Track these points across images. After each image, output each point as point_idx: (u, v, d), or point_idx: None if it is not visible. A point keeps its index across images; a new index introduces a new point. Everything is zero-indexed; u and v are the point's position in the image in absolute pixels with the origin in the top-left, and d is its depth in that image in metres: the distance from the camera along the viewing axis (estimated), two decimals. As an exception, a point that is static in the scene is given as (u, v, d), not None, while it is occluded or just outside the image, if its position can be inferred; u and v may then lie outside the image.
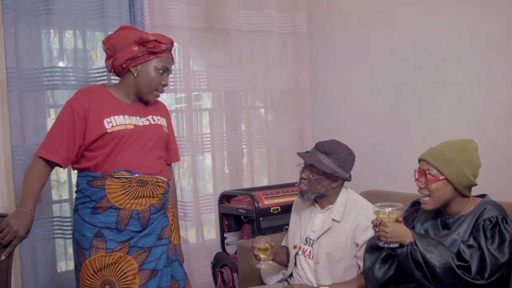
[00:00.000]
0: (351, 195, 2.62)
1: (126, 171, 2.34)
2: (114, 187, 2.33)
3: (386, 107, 3.50)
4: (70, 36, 3.15)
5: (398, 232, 2.07)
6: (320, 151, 2.52)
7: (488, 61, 2.89)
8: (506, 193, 2.63)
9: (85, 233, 2.32)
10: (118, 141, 2.34)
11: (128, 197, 2.34)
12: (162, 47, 2.38)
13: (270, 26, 3.87)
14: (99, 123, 2.33)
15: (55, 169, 3.09)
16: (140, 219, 2.35)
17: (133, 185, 2.34)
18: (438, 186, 2.12)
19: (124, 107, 2.43)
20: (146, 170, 2.39)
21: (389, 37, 3.44)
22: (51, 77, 3.04)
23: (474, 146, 2.17)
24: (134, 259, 2.33)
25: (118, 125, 2.35)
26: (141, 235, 2.36)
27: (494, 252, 1.99)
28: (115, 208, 2.32)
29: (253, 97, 4.07)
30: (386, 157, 3.49)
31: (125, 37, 2.39)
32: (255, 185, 3.93)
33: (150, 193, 2.38)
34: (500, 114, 2.85)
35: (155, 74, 2.41)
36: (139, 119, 2.43)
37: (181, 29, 3.46)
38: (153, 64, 2.40)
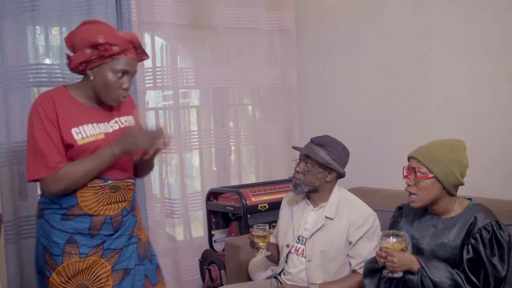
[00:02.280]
0: (344, 193, 2.63)
1: (99, 179, 2.25)
2: (87, 195, 2.23)
3: (374, 105, 3.51)
4: (56, 33, 3.13)
5: (405, 261, 2.07)
6: (315, 144, 2.53)
7: (475, 60, 2.90)
8: (492, 191, 2.65)
9: (55, 239, 2.22)
10: (90, 152, 2.21)
11: (101, 203, 2.25)
12: (115, 50, 2.16)
13: (257, 23, 3.87)
14: (67, 133, 2.19)
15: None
16: (113, 223, 2.28)
17: (106, 192, 2.27)
18: (427, 184, 2.14)
19: (91, 113, 2.27)
20: (118, 176, 2.31)
21: (377, 34, 3.45)
22: (37, 74, 3.02)
23: (463, 146, 2.19)
24: (107, 261, 2.26)
25: (89, 136, 2.22)
26: (114, 238, 2.29)
27: (496, 263, 2.01)
28: (88, 215, 2.23)
29: (240, 94, 4.06)
30: (374, 155, 3.50)
31: (81, 37, 2.20)
32: (243, 182, 3.93)
33: (122, 198, 2.32)
34: (487, 113, 2.86)
35: (112, 78, 2.20)
36: (107, 124, 2.30)
37: (168, 26, 3.45)
38: (110, 66, 2.19)
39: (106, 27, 2.25)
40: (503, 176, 2.79)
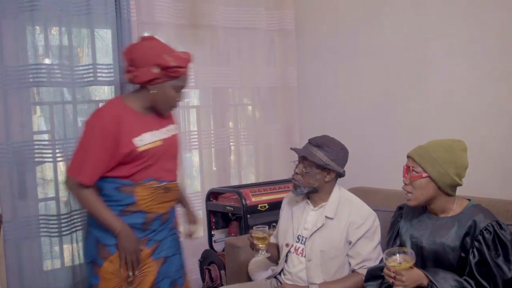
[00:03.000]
0: (344, 193, 2.63)
1: (156, 180, 2.48)
2: (143, 194, 2.45)
3: (373, 105, 3.51)
4: (55, 33, 3.13)
5: (414, 278, 2.04)
6: (313, 145, 2.53)
7: (474, 60, 2.90)
8: (491, 191, 2.64)
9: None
10: (150, 157, 2.44)
11: (156, 202, 2.48)
12: (181, 72, 2.42)
13: (257, 23, 3.87)
14: (129, 143, 2.39)
15: (40, 167, 3.10)
16: (161, 220, 2.52)
17: (160, 192, 2.49)
18: (421, 183, 2.14)
19: (147, 122, 2.49)
20: (170, 177, 2.56)
21: (376, 34, 3.44)
22: (37, 74, 3.02)
23: (461, 146, 2.18)
24: (150, 249, 2.49)
25: (149, 143, 2.44)
26: (158, 231, 2.53)
27: (502, 265, 2.01)
28: (143, 212, 2.46)
29: (240, 94, 4.06)
30: (373, 155, 3.50)
31: (144, 54, 2.39)
32: (243, 182, 3.93)
33: (172, 198, 2.57)
34: (486, 113, 2.86)
35: (172, 94, 2.45)
36: (162, 131, 2.53)
37: (168, 26, 3.45)
38: (172, 84, 2.42)
39: (165, 46, 2.47)
40: (503, 176, 2.79)
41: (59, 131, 3.14)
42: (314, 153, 2.49)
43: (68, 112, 3.16)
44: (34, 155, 3.05)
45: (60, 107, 3.15)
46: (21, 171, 3.01)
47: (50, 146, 3.09)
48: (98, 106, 3.27)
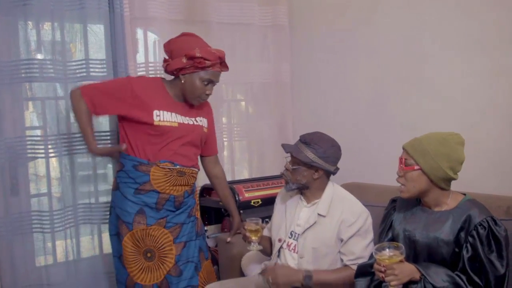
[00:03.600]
0: (337, 190, 2.61)
1: (170, 162, 2.72)
2: (158, 175, 2.71)
3: (367, 100, 3.51)
4: (48, 28, 3.11)
5: (406, 272, 2.03)
6: (302, 142, 2.52)
7: (469, 56, 2.91)
8: (485, 186, 2.66)
9: (128, 209, 2.71)
10: (163, 134, 2.71)
11: (168, 184, 2.73)
12: (207, 64, 2.65)
13: (251, 18, 3.85)
14: (149, 112, 2.69)
15: (33, 163, 3.09)
16: (175, 202, 2.77)
17: (173, 175, 2.74)
18: (413, 175, 2.14)
19: (174, 105, 2.77)
20: (185, 163, 2.78)
21: (371, 30, 3.45)
22: (29, 70, 3.00)
23: (457, 139, 2.17)
24: (170, 232, 2.75)
25: (165, 120, 2.71)
26: (175, 214, 2.78)
27: (494, 261, 2.01)
28: (156, 192, 2.71)
29: (234, 90, 4.05)
30: (367, 150, 3.50)
31: (180, 46, 2.71)
32: (236, 178, 3.93)
33: (186, 182, 2.80)
34: (481, 108, 2.87)
35: (199, 84, 2.71)
36: (185, 118, 2.78)
37: (161, 21, 3.43)
38: (199, 75, 2.69)
39: (201, 41, 2.77)
40: (497, 172, 2.81)
41: (51, 127, 3.12)
42: (301, 151, 2.49)
43: (60, 107, 3.15)
44: (27, 151, 3.03)
45: (52, 102, 3.13)
46: (13, 167, 3.00)
47: (43, 142, 3.08)
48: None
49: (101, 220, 3.25)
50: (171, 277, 2.75)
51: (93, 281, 3.28)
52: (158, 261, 2.73)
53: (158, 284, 2.73)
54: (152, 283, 2.72)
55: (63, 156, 3.13)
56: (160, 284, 2.73)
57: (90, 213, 3.25)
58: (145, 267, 2.72)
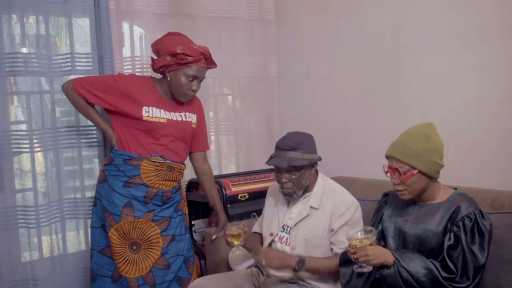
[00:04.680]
0: (327, 182, 2.64)
1: (161, 156, 2.79)
2: (148, 169, 2.77)
3: (353, 95, 3.52)
4: (32, 21, 3.08)
5: (379, 253, 2.09)
6: (287, 150, 2.50)
7: (454, 50, 2.92)
8: (469, 179, 2.67)
9: (116, 201, 2.76)
10: (152, 130, 2.77)
11: (158, 178, 2.79)
12: (189, 59, 2.70)
13: (237, 12, 3.84)
14: (139, 108, 2.76)
15: (17, 158, 3.06)
16: (163, 197, 2.82)
17: (163, 169, 2.80)
18: (414, 180, 2.16)
19: (163, 102, 2.84)
20: (174, 158, 2.84)
21: (357, 24, 3.45)
22: (13, 63, 2.97)
23: (434, 129, 2.22)
24: (157, 225, 2.79)
25: (154, 117, 2.78)
26: (162, 208, 2.82)
27: (476, 251, 2.04)
28: (145, 185, 2.77)
29: (220, 84, 4.04)
30: (353, 144, 3.51)
31: (165, 45, 2.77)
32: (223, 172, 3.92)
33: (174, 178, 2.87)
34: (465, 102, 2.89)
35: (184, 81, 2.75)
36: (173, 114, 2.84)
37: (147, 15, 3.41)
38: (184, 72, 2.74)
39: (185, 39, 2.82)
40: (480, 165, 2.82)
41: (36, 121, 3.10)
42: (296, 157, 2.48)
43: (46, 101, 3.12)
44: (11, 146, 3.01)
45: (37, 96, 3.10)
46: (-3, 162, 2.98)
47: (28, 137, 3.06)
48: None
49: (87, 215, 3.23)
50: (157, 269, 2.78)
51: (78, 277, 3.26)
52: (143, 253, 2.77)
53: (143, 276, 2.75)
54: (136, 276, 2.75)
55: (48, 150, 3.11)
56: (145, 277, 2.76)
57: (75, 208, 3.23)
58: (130, 259, 2.76)
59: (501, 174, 2.73)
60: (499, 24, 2.72)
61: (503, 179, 2.69)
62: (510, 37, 2.68)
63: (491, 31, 2.75)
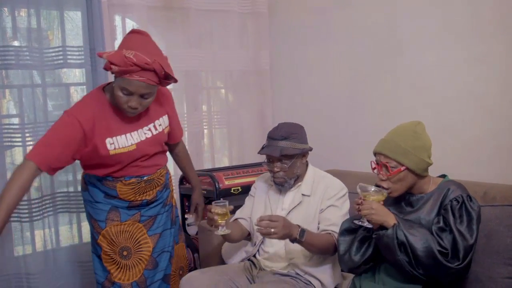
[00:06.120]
0: (317, 171, 2.69)
1: (136, 177, 2.56)
2: (125, 189, 2.55)
3: (346, 88, 3.52)
4: (24, 15, 3.06)
5: (383, 212, 2.11)
6: (279, 139, 2.53)
7: (446, 44, 2.92)
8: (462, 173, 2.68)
9: (100, 207, 2.57)
10: (122, 160, 2.47)
11: (138, 194, 2.59)
12: (114, 69, 2.21)
13: (230, 5, 3.83)
14: (102, 143, 2.39)
15: (9, 151, 3.05)
16: (148, 202, 2.64)
17: (141, 185, 2.58)
18: (400, 176, 2.17)
19: (124, 122, 2.44)
20: (152, 171, 2.61)
21: (349, 18, 3.45)
22: (5, 57, 2.96)
23: (423, 127, 2.24)
24: (144, 226, 2.63)
25: (121, 148, 2.43)
26: (149, 207, 2.65)
27: (464, 232, 2.05)
28: (127, 200, 2.57)
29: (213, 77, 4.03)
30: (346, 137, 3.52)
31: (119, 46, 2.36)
32: (216, 165, 3.93)
33: (156, 185, 2.64)
34: (457, 96, 2.90)
35: (118, 93, 2.29)
36: (142, 131, 2.50)
37: (139, 8, 3.40)
38: (117, 82, 2.29)
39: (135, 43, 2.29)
40: (473, 158, 2.84)
41: (29, 115, 3.09)
42: (288, 147, 2.51)
43: (38, 95, 3.11)
44: (3, 139, 3.00)
45: (29, 90, 3.09)
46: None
47: (20, 130, 3.05)
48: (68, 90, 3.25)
49: (79, 208, 3.23)
50: (148, 271, 2.65)
51: (72, 270, 3.27)
52: (134, 257, 2.61)
53: (136, 281, 2.62)
54: (131, 281, 2.61)
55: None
56: (139, 280, 2.63)
57: (68, 202, 3.23)
58: (122, 266, 2.60)
59: (493, 168, 2.75)
60: (491, 18, 2.72)
61: (495, 173, 2.71)
62: (502, 31, 2.69)
63: (484, 25, 2.75)
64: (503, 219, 2.28)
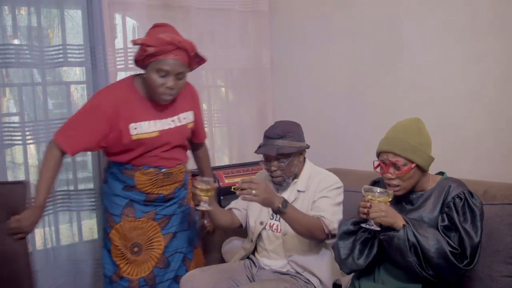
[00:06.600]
0: (314, 167, 2.69)
1: (155, 167, 2.61)
2: (143, 179, 2.61)
3: (346, 87, 3.52)
4: (24, 13, 3.06)
5: (392, 213, 2.10)
6: (275, 138, 2.53)
7: (446, 43, 2.93)
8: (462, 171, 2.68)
9: (117, 201, 2.65)
10: (143, 145, 2.54)
11: (155, 186, 2.64)
12: (150, 50, 2.34)
13: (230, 4, 3.83)
14: (126, 129, 2.48)
15: (10, 150, 3.05)
16: (165, 198, 2.69)
17: (160, 178, 2.63)
18: (410, 174, 2.17)
19: (150, 109, 2.54)
20: (172, 164, 2.66)
21: (350, 16, 3.45)
22: (5, 55, 2.96)
23: (423, 123, 2.25)
24: (158, 225, 2.68)
25: (143, 133, 2.52)
26: (165, 206, 2.70)
27: (469, 230, 2.05)
28: (143, 193, 2.63)
29: (214, 76, 4.03)
30: (346, 136, 3.52)
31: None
32: (216, 164, 3.92)
33: (174, 180, 2.70)
34: (457, 94, 2.90)
35: (154, 77, 2.40)
36: (166, 121, 2.59)
37: (139, 6, 3.39)
38: (153, 66, 2.39)
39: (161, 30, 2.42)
40: (473, 157, 2.84)
41: (29, 114, 3.09)
42: (285, 145, 2.51)
43: (38, 93, 3.11)
44: (4, 138, 3.00)
45: (29, 88, 3.09)
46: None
47: (20, 129, 3.05)
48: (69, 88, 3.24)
49: (80, 207, 3.23)
50: (158, 269, 2.70)
51: (72, 269, 3.26)
52: (145, 254, 2.68)
53: (144, 277, 2.68)
54: (138, 277, 2.67)
55: (41, 143, 3.10)
56: (147, 277, 2.68)
57: (68, 200, 3.23)
58: (132, 261, 2.67)
59: (493, 166, 2.75)
60: (490, 18, 2.73)
61: (495, 171, 2.71)
62: (501, 31, 2.69)
63: (483, 24, 2.76)
64: (504, 217, 2.29)
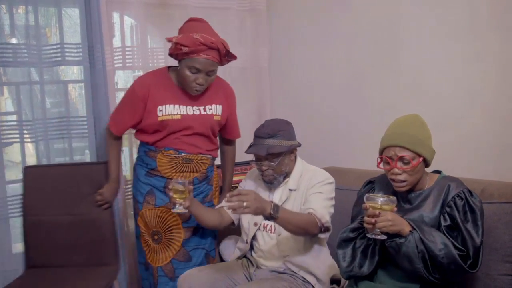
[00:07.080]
0: (305, 165, 2.68)
1: (174, 150, 2.73)
2: (163, 161, 2.74)
3: (344, 86, 3.52)
4: (22, 12, 3.06)
5: (399, 220, 2.06)
6: (265, 138, 2.53)
7: (444, 42, 2.93)
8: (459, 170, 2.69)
9: (140, 189, 2.80)
10: (166, 126, 2.69)
11: (174, 170, 2.75)
12: (184, 50, 2.53)
13: (228, 2, 3.82)
14: (154, 110, 2.69)
15: (8, 149, 3.05)
16: None
17: (179, 162, 2.74)
18: (418, 168, 2.17)
19: (179, 95, 2.74)
20: (191, 150, 2.76)
21: (347, 14, 3.45)
22: (3, 54, 2.96)
23: (423, 119, 2.25)
24: (178, 215, 2.74)
25: (167, 114, 2.69)
26: None
27: (471, 230, 2.06)
28: (163, 177, 2.75)
29: (212, 74, 4.02)
30: (344, 135, 3.52)
31: (180, 32, 2.66)
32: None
33: (194, 169, 2.78)
34: (455, 92, 2.90)
35: (187, 72, 2.60)
36: (191, 108, 2.74)
37: (137, 5, 3.38)
38: (186, 63, 2.59)
39: (201, 27, 2.65)
40: (471, 155, 2.84)
41: (27, 112, 3.09)
42: (275, 145, 2.51)
43: (36, 92, 3.11)
44: (1, 137, 3.00)
45: (27, 87, 3.09)
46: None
47: (18, 128, 3.05)
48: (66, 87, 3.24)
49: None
50: (177, 262, 2.76)
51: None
52: (164, 243, 2.77)
53: (162, 267, 2.76)
54: (157, 266, 2.76)
55: (39, 141, 3.10)
56: (165, 268, 2.76)
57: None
58: (152, 248, 2.78)
59: (491, 165, 2.76)
60: (488, 16, 2.73)
61: (492, 170, 2.72)
62: (499, 29, 2.69)
63: (481, 22, 2.76)
64: (501, 216, 2.30)
